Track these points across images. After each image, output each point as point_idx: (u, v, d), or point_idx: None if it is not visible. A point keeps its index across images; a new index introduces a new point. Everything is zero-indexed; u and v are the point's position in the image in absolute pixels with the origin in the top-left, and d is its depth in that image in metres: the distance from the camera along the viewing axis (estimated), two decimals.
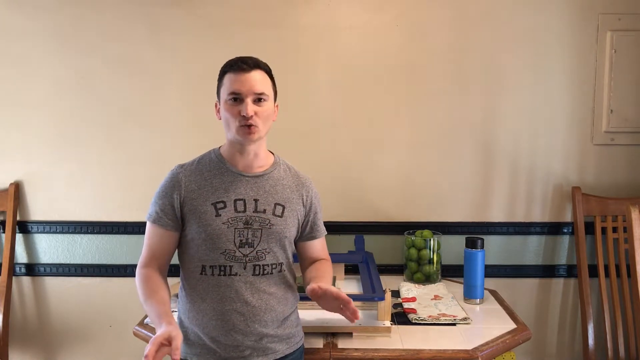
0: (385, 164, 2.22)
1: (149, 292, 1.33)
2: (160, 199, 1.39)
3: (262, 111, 1.36)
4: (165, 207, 1.38)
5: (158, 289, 1.33)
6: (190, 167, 1.42)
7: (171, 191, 1.39)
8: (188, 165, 1.43)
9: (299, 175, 1.50)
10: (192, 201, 1.37)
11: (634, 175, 2.21)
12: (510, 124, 2.20)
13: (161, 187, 1.41)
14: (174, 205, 1.38)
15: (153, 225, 1.40)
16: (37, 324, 2.29)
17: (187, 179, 1.40)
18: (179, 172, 1.41)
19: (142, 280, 1.35)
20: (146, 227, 1.41)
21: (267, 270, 1.39)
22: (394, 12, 2.17)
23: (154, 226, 1.40)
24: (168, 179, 1.41)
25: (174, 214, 1.38)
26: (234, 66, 1.36)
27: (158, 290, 1.33)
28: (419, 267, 2.07)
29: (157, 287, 1.34)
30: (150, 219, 1.40)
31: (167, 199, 1.38)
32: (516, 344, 1.62)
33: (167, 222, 1.38)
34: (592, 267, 2.17)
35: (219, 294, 1.36)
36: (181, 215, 1.39)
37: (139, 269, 1.39)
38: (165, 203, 1.38)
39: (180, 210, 1.38)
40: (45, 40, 2.17)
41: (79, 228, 2.24)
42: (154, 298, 1.31)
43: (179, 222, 1.39)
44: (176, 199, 1.38)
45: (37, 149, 2.22)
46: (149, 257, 1.39)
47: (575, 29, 2.15)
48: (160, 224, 1.38)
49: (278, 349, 1.40)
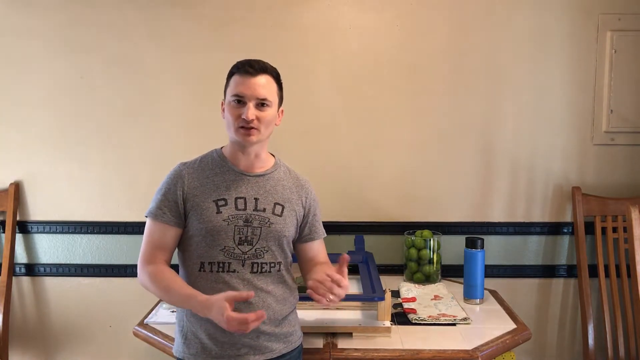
0: (386, 164, 2.22)
1: (165, 285, 1.32)
2: (163, 195, 1.40)
3: (263, 116, 1.37)
4: (168, 203, 1.38)
5: (173, 278, 1.33)
6: (193, 165, 1.44)
7: (174, 187, 1.39)
8: (191, 164, 1.45)
9: (298, 177, 1.51)
10: (195, 197, 1.38)
11: (634, 175, 2.21)
12: (510, 124, 2.20)
13: (164, 183, 1.42)
14: (177, 201, 1.38)
15: (154, 222, 1.39)
16: (37, 324, 2.29)
17: (189, 176, 1.41)
18: (182, 169, 1.42)
19: (154, 276, 1.34)
20: (146, 224, 1.41)
21: (266, 268, 1.40)
22: (394, 12, 2.17)
23: (155, 222, 1.39)
24: (171, 175, 1.42)
25: (177, 210, 1.38)
26: (241, 69, 1.38)
27: (175, 278, 1.33)
28: (419, 267, 2.07)
29: (171, 277, 1.34)
30: (151, 215, 1.39)
31: (170, 195, 1.39)
32: (516, 344, 1.62)
33: (170, 217, 1.38)
34: (592, 267, 2.17)
35: (216, 291, 1.35)
36: (184, 211, 1.39)
37: (142, 268, 1.37)
38: (169, 198, 1.39)
39: (184, 205, 1.39)
40: (45, 40, 2.17)
41: (79, 228, 2.24)
42: (174, 288, 1.31)
43: (182, 217, 1.39)
44: (179, 195, 1.39)
45: (37, 149, 2.21)
46: (151, 253, 1.38)
47: (575, 29, 2.15)
48: (163, 220, 1.38)
49: (275, 347, 1.40)
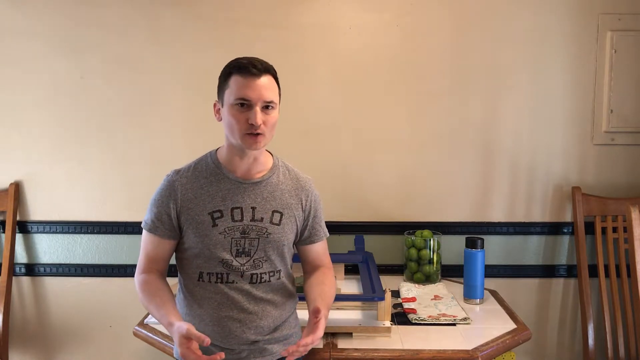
0: (386, 163, 2.22)
1: (149, 296, 1.32)
2: (156, 207, 1.36)
3: (269, 119, 1.31)
4: (161, 216, 1.35)
5: (157, 291, 1.32)
6: (187, 174, 1.38)
7: (167, 200, 1.35)
8: (184, 172, 1.39)
9: (298, 177, 1.45)
10: (189, 210, 1.34)
11: (634, 175, 2.21)
12: (510, 124, 2.20)
13: (157, 194, 1.38)
14: (170, 215, 1.35)
15: (149, 234, 1.38)
16: (37, 324, 2.29)
17: (183, 187, 1.36)
18: (174, 180, 1.37)
19: (141, 286, 1.34)
20: (142, 234, 1.40)
21: (265, 278, 1.38)
22: (394, 12, 2.16)
23: (150, 235, 1.37)
24: (164, 187, 1.37)
25: (170, 223, 1.35)
26: (243, 69, 1.29)
27: (157, 292, 1.32)
28: (419, 267, 2.07)
29: (157, 290, 1.32)
30: (146, 227, 1.37)
31: (162, 208, 1.35)
32: (516, 344, 1.62)
33: (164, 231, 1.36)
34: (592, 267, 2.17)
35: (216, 301, 1.35)
36: (178, 224, 1.36)
37: (136, 276, 1.38)
38: (162, 212, 1.35)
39: (177, 219, 1.35)
40: (45, 40, 2.17)
41: (79, 228, 2.24)
42: (155, 301, 1.30)
43: (176, 230, 1.37)
44: (172, 208, 1.35)
45: (37, 149, 2.21)
46: (146, 264, 1.38)
47: (575, 29, 2.15)
48: (157, 233, 1.36)
49: (275, 350, 1.40)
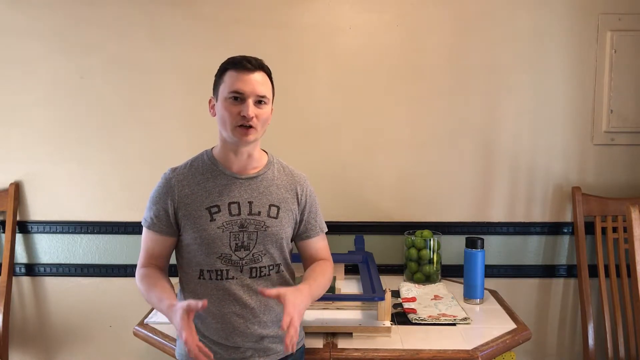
0: (385, 164, 2.22)
1: (149, 286, 1.33)
2: (154, 205, 1.39)
3: (261, 114, 1.35)
4: (159, 213, 1.38)
5: (157, 281, 1.33)
6: (183, 171, 1.40)
7: (165, 197, 1.38)
8: (181, 169, 1.41)
9: (293, 173, 1.48)
10: (186, 206, 1.36)
11: (634, 175, 2.21)
12: (510, 124, 2.20)
13: (154, 192, 1.40)
14: (168, 212, 1.37)
15: (149, 231, 1.40)
16: (37, 324, 2.29)
17: (179, 184, 1.38)
18: (171, 177, 1.39)
19: (141, 278, 1.36)
20: (142, 231, 1.42)
21: (264, 272, 1.39)
22: (394, 12, 2.17)
23: (149, 232, 1.40)
24: (161, 185, 1.40)
25: (168, 220, 1.37)
26: (238, 65, 1.33)
27: (157, 282, 1.33)
28: (419, 267, 2.07)
29: (157, 280, 1.34)
30: (145, 224, 1.40)
31: (160, 205, 1.38)
32: (516, 344, 1.62)
33: (162, 227, 1.38)
34: (592, 267, 2.17)
35: (217, 298, 1.36)
36: (176, 221, 1.38)
37: (137, 271, 1.39)
38: (159, 209, 1.38)
39: (175, 216, 1.37)
40: (45, 40, 2.17)
41: (79, 228, 2.24)
42: (154, 290, 1.31)
43: (175, 227, 1.38)
44: (170, 205, 1.37)
45: (37, 149, 2.21)
46: (146, 260, 1.40)
47: (575, 29, 2.15)
48: (156, 230, 1.38)
49: (279, 349, 1.40)
